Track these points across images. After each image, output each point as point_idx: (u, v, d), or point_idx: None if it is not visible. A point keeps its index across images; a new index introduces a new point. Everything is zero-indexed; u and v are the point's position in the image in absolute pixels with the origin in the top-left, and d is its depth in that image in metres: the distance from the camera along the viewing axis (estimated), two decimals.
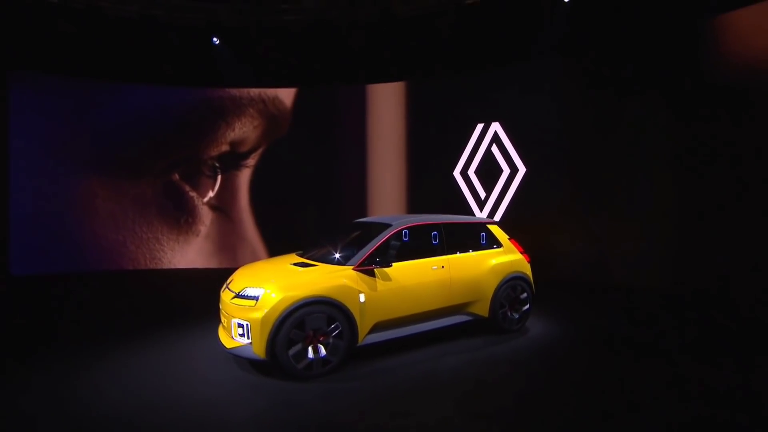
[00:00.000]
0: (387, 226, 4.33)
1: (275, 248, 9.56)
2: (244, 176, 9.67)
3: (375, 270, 4.00)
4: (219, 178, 9.65)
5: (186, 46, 9.27)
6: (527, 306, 4.97)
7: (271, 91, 9.60)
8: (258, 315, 3.53)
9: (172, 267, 9.49)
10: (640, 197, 6.85)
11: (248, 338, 3.56)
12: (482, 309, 4.68)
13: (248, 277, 4.02)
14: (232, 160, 9.65)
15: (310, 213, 9.58)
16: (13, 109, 8.62)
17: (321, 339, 3.70)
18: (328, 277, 3.83)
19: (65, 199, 8.98)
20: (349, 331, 3.81)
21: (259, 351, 3.52)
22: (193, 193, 9.57)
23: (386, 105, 9.26)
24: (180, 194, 9.56)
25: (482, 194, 8.29)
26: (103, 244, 9.24)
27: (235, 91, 9.59)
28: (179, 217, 9.55)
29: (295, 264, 4.12)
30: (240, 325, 3.60)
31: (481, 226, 4.94)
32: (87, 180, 9.13)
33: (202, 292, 7.40)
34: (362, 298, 3.89)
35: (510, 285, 4.83)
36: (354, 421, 3.08)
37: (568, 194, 7.61)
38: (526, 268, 5.03)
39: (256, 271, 4.18)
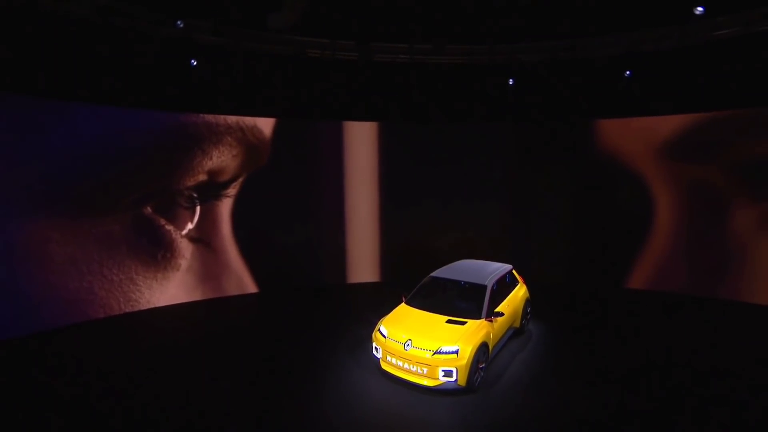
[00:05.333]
0: (483, 287, 6.46)
1: (262, 275, 10.06)
2: (225, 206, 9.62)
3: (493, 318, 6.24)
4: (198, 209, 9.34)
5: (149, 61, 8.48)
6: (530, 315, 7.93)
7: (249, 120, 9.64)
8: (463, 362, 5.39)
9: (152, 306, 8.94)
10: (552, 223, 10.64)
11: (454, 377, 5.38)
12: (517, 323, 7.34)
13: (421, 336, 5.68)
14: (211, 190, 9.42)
15: (292, 239, 10.29)
16: None
17: (480, 365, 5.80)
18: (480, 329, 5.86)
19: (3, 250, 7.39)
20: (489, 355, 6.03)
21: (462, 382, 5.41)
22: (169, 227, 9.04)
23: (361, 142, 10.61)
24: (154, 228, 8.90)
25: None
26: (63, 295, 8.01)
27: (211, 118, 9.26)
28: (155, 253, 8.94)
29: (448, 322, 5.93)
30: (446, 370, 5.38)
31: (510, 271, 7.57)
32: (34, 222, 7.64)
33: (264, 321, 7.91)
34: (491, 335, 6.10)
35: (525, 305, 7.60)
36: (508, 401, 5.47)
37: (504, 219, 10.95)
38: (528, 293, 7.83)
39: (423, 329, 5.81)
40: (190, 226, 9.26)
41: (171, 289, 9.15)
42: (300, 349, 7.03)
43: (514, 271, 7.69)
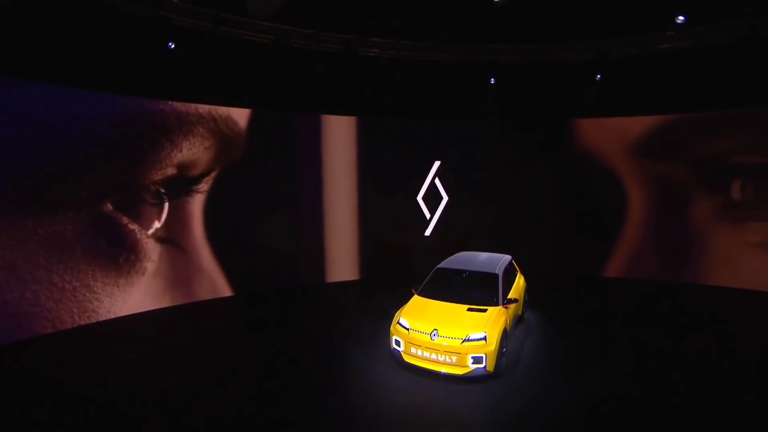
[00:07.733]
0: (495, 275, 6.45)
1: (237, 277, 9.25)
2: (197, 203, 8.75)
3: (508, 305, 6.20)
4: (166, 205, 8.38)
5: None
6: (527, 304, 8.00)
7: (223, 110, 8.91)
8: (491, 348, 5.29)
9: (113, 317, 7.82)
10: (532, 218, 10.86)
11: (484, 363, 5.24)
12: (520, 311, 7.32)
13: (447, 326, 5.51)
14: (180, 185, 8.52)
15: (268, 238, 9.59)
16: None
17: (502, 350, 5.71)
18: (500, 315, 5.80)
19: None
20: (507, 341, 5.99)
21: (490, 368, 5.30)
22: (133, 226, 8.00)
23: (340, 136, 10.24)
24: (116, 228, 7.83)
25: (427, 214, 10.86)
26: None
27: (180, 105, 8.41)
28: (117, 256, 7.85)
29: (470, 310, 5.82)
30: (476, 357, 5.22)
31: (510, 261, 7.61)
32: None
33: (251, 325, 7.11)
34: (508, 321, 6.06)
35: (524, 293, 7.67)
36: (532, 386, 5.46)
37: (487, 214, 11.02)
38: (526, 282, 7.94)
39: (447, 319, 5.65)
40: (157, 224, 8.28)
41: (135, 295, 8.07)
42: (302, 351, 6.50)
43: (514, 262, 7.77)
